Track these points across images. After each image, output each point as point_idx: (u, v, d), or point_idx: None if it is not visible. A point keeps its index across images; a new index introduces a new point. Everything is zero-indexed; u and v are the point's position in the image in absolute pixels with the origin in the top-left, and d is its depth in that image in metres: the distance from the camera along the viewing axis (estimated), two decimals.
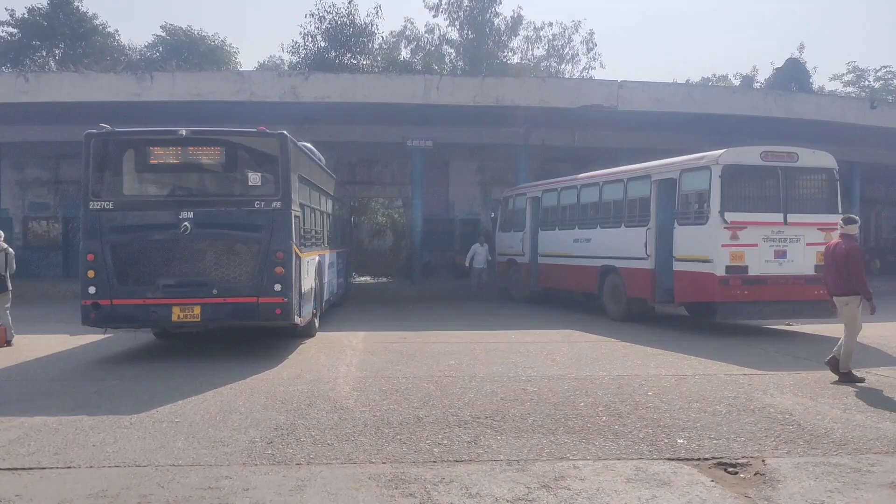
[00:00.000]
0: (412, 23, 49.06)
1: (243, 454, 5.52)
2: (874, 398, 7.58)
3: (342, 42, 35.43)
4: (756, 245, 11.97)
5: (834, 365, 8.55)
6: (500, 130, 22.51)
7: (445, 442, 5.82)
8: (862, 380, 8.41)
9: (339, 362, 9.59)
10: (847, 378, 8.39)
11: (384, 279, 25.94)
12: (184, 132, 9.80)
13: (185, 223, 9.52)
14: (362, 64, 35.59)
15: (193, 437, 5.98)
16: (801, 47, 70.80)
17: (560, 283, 17.51)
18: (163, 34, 41.66)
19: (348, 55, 35.48)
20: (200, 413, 6.77)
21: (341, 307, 16.80)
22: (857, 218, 9.04)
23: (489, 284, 20.56)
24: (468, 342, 11.48)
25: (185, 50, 40.10)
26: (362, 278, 25.69)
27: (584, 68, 45.50)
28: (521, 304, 18.44)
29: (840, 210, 12.66)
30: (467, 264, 20.40)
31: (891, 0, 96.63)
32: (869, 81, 54.45)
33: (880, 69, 54.33)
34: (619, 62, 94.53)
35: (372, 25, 36.40)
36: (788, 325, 13.79)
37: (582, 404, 7.12)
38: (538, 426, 6.31)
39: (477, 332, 12.76)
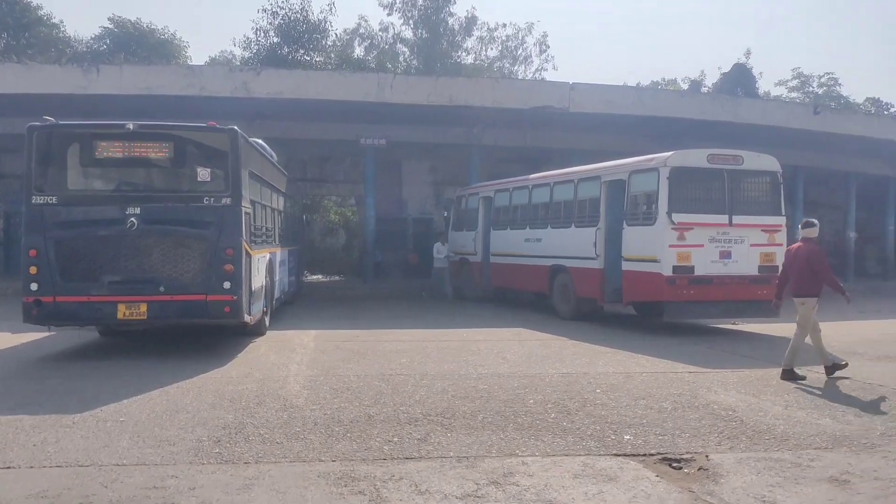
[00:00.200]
0: (366, 21, 48.95)
1: (190, 453, 5.44)
2: (814, 395, 7.81)
3: (295, 38, 35.07)
4: (702, 246, 12.23)
5: (829, 370, 8.78)
6: (453, 130, 22.57)
7: (396, 439, 5.82)
8: (803, 377, 8.67)
9: (289, 361, 9.51)
10: (789, 376, 8.64)
11: (337, 278, 25.80)
12: (131, 126, 9.60)
13: (132, 219, 9.34)
14: (316, 61, 35.32)
15: (139, 436, 5.87)
16: (748, 53, 72.61)
17: (511, 282, 17.65)
18: (110, 26, 40.65)
19: (301, 52, 35.16)
20: (146, 412, 6.65)
21: (293, 306, 16.65)
22: (815, 221, 9.33)
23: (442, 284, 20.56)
24: (420, 340, 11.49)
25: (133, 43, 39.19)
26: (314, 277, 25.50)
27: (537, 70, 45.96)
28: (474, 303, 18.52)
29: (783, 212, 13.04)
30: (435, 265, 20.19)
31: (834, 8, 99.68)
32: (813, 87, 56.01)
33: (824, 76, 55.94)
34: (571, 65, 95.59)
35: (325, 22, 36.13)
36: (734, 324, 14.12)
37: (531, 401, 7.19)
38: (488, 423, 6.36)
39: (429, 331, 12.79)
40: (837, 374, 8.74)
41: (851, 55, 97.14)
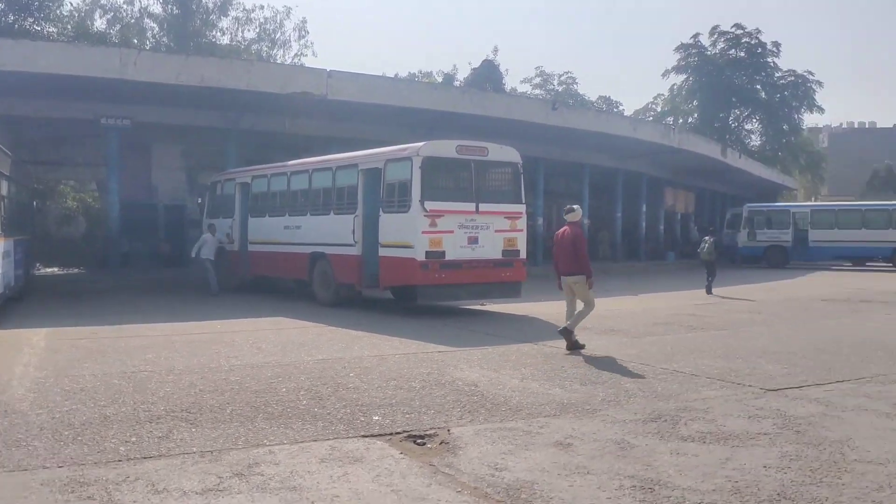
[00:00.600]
0: None
1: None
2: (549, 368, 8.53)
3: (23, 5, 31.47)
4: (452, 232, 12.84)
5: (567, 334, 9.56)
6: (208, 113, 21.59)
7: (134, 439, 5.48)
8: (582, 346, 9.58)
9: (14, 362, 8.57)
10: (567, 334, 9.53)
11: (76, 270, 23.65)
12: None
13: None
14: (48, 31, 31.96)
15: None
16: (496, 50, 77.14)
17: (271, 270, 17.33)
18: None
19: (30, 20, 31.65)
20: None
21: (20, 302, 15.00)
22: (576, 207, 10.24)
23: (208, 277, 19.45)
24: (168, 335, 10.91)
25: None
26: (49, 269, 23.18)
27: (297, 55, 45.34)
28: (231, 293, 17.87)
29: (524, 200, 14.05)
30: (193, 255, 18.75)
31: (575, 12, 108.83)
32: (554, 85, 60.88)
33: (563, 74, 61.01)
34: (331, 53, 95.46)
35: None
36: (482, 304, 15.00)
37: (284, 390, 7.13)
38: (237, 415, 6.20)
39: (179, 324, 12.16)
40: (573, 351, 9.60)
41: (587, 57, 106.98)
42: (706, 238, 19.94)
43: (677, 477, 4.73)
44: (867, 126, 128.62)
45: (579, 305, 9.92)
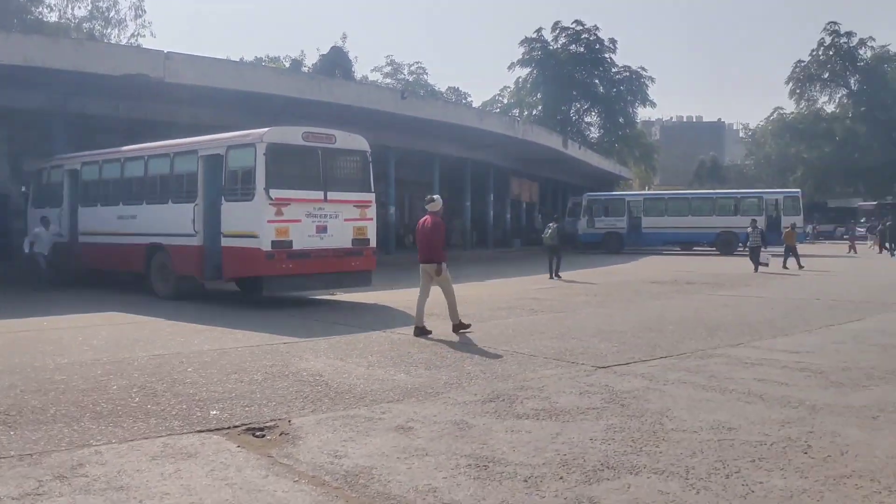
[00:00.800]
0: None
1: None
2: (396, 354, 8.60)
3: None
4: (300, 221, 12.64)
5: (420, 332, 9.76)
6: (33, 95, 19.89)
7: None
8: (468, 326, 10.01)
9: None
10: (460, 327, 9.89)
11: None
12: None
13: None
14: None
15: None
16: (344, 37, 76.44)
17: (105, 263, 16.36)
18: None
19: None
20: None
21: None
22: (436, 197, 10.41)
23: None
24: None
25: None
26: None
27: (133, 35, 42.88)
28: (62, 288, 16.66)
29: (373, 189, 14.05)
30: (26, 250, 17.11)
31: (425, 4, 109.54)
32: (405, 75, 61.18)
33: (413, 64, 61.41)
34: (172, 36, 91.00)
35: None
36: (332, 294, 14.90)
37: (115, 388, 6.77)
38: (61, 416, 5.82)
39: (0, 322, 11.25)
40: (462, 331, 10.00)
41: (438, 48, 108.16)
42: (550, 224, 20.83)
43: (511, 453, 4.93)
44: (695, 120, 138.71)
45: (434, 293, 10.15)
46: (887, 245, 32.19)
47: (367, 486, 4.36)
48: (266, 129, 12.76)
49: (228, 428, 5.57)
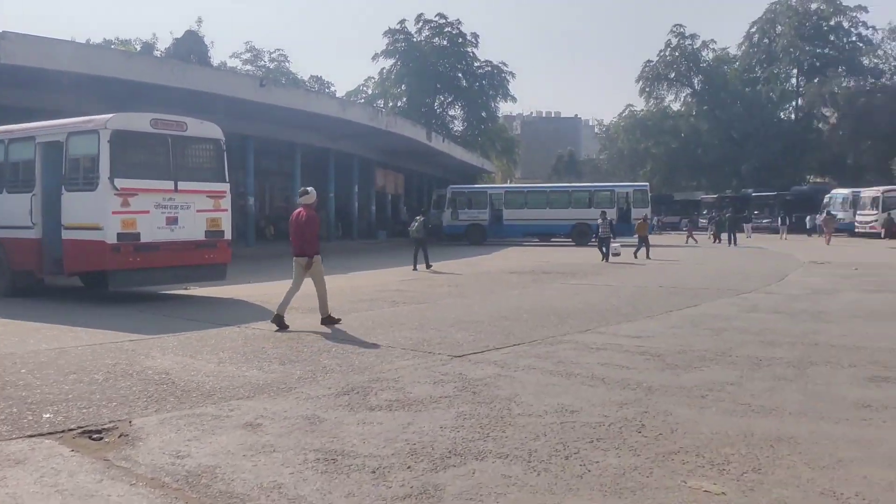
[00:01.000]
0: None
1: None
2: (249, 350, 8.38)
3: None
4: (148, 212, 12.06)
5: (279, 321, 9.62)
6: None
7: None
8: (338, 320, 9.96)
9: None
10: (329, 321, 9.86)
11: None
12: None
13: None
14: None
15: None
16: (200, 21, 73.69)
17: None
18: None
19: None
20: None
21: None
22: (309, 189, 10.22)
23: None
24: None
25: None
26: None
27: None
28: None
29: (227, 179, 13.60)
30: None
31: None
32: (265, 62, 59.61)
33: (274, 51, 59.93)
34: (13, 16, 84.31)
35: None
36: (186, 288, 14.33)
37: None
38: None
39: None
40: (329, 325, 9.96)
41: (300, 36, 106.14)
42: (417, 217, 21.05)
43: (360, 445, 4.93)
44: (554, 115, 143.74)
45: (308, 286, 10.12)
46: (728, 235, 34.64)
47: (209, 485, 4.23)
48: (110, 116, 12.07)
49: (63, 431, 5.24)
